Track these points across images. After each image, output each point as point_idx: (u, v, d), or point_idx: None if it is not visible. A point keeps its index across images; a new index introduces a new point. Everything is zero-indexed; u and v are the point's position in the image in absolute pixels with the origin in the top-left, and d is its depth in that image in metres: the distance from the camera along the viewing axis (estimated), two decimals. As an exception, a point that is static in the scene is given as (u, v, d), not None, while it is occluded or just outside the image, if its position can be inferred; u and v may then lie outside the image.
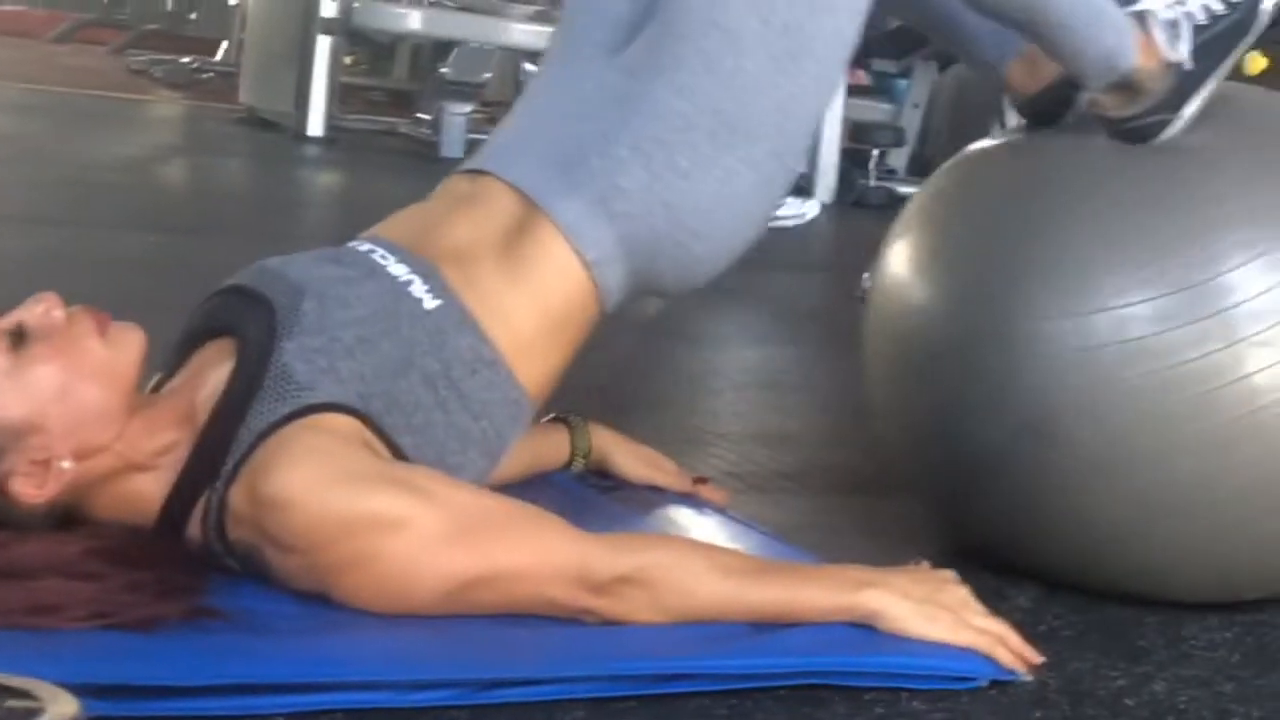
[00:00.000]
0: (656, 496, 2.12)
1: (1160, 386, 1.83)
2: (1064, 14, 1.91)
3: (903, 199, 7.04)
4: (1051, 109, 2.10)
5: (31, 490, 1.57)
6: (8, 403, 1.55)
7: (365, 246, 1.81)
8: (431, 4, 7.26)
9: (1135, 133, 1.97)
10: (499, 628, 1.56)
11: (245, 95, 7.64)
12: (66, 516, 1.59)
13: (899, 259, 2.11)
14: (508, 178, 1.84)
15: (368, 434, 1.62)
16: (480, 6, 6.88)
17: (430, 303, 1.73)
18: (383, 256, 1.77)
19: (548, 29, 6.70)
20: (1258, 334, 1.82)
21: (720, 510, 2.10)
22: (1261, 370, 1.82)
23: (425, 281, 1.74)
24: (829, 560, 1.84)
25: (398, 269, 1.75)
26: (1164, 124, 1.96)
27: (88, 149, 6.18)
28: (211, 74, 9.64)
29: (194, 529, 1.60)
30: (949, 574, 1.71)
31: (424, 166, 6.65)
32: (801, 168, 1.91)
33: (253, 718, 1.36)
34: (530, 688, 1.46)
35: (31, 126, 6.63)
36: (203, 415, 1.63)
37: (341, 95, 7.31)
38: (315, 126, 6.86)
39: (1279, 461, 1.84)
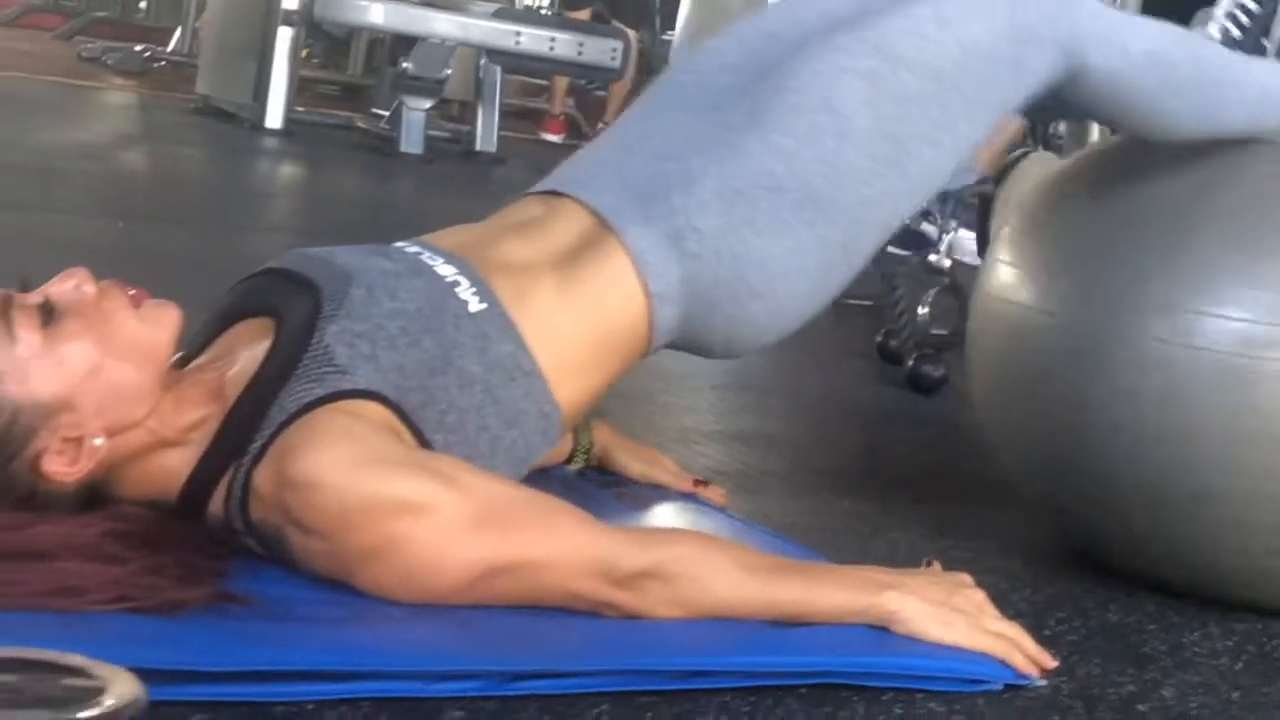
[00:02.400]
0: (657, 494, 2.11)
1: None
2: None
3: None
4: None
5: (64, 468, 1.55)
6: (39, 381, 1.53)
7: (413, 249, 1.79)
8: (394, -2, 7.23)
9: None
10: (524, 621, 1.55)
11: (202, 85, 7.59)
12: (92, 495, 1.57)
13: (1006, 267, 2.14)
14: (583, 198, 1.82)
15: (399, 425, 1.61)
16: (443, 2, 6.85)
17: (476, 305, 1.71)
18: (430, 258, 1.75)
19: (509, 26, 6.71)
20: None
21: (721, 510, 2.10)
22: None
23: (472, 285, 1.72)
24: (829, 560, 1.84)
25: (445, 269, 1.73)
26: None
27: (45, 135, 6.11)
28: (164, 63, 9.58)
29: (216, 506, 1.58)
30: (965, 577, 1.71)
31: (382, 162, 6.62)
32: (855, 272, 1.93)
33: (279, 704, 1.35)
34: (556, 680, 1.45)
35: (-16, 110, 6.56)
36: (233, 392, 1.61)
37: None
38: (274, 119, 6.83)
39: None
